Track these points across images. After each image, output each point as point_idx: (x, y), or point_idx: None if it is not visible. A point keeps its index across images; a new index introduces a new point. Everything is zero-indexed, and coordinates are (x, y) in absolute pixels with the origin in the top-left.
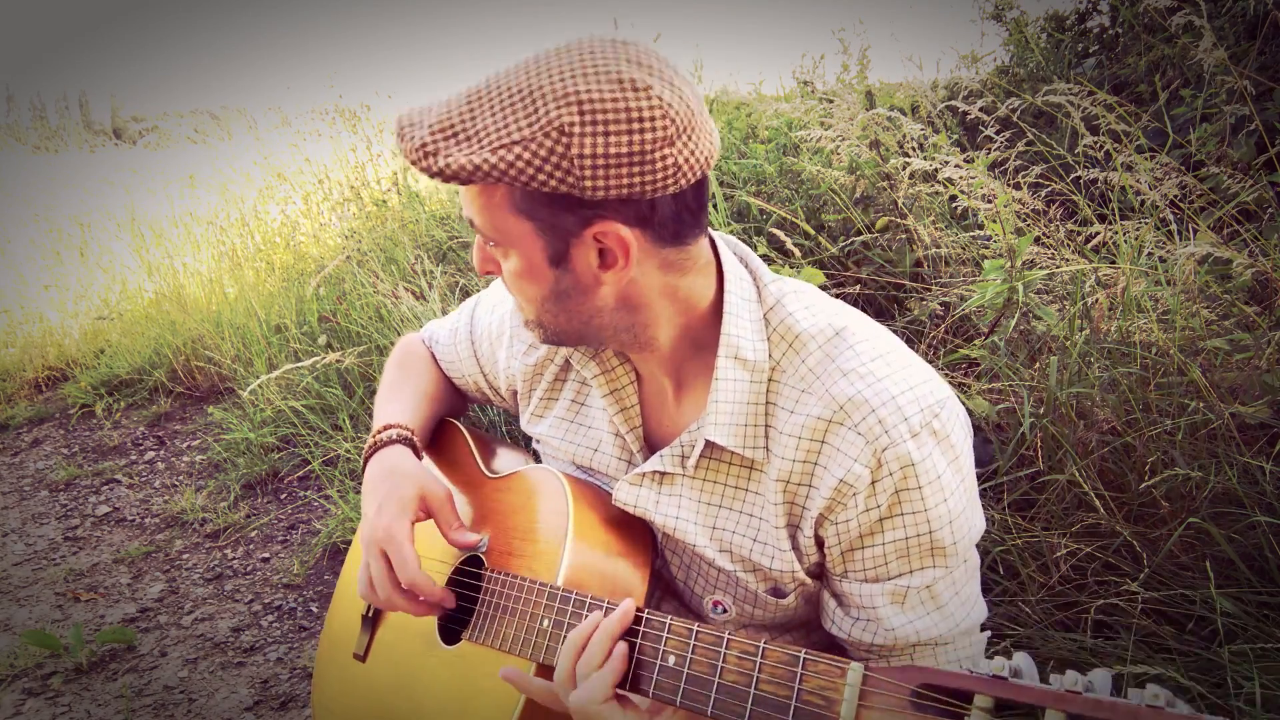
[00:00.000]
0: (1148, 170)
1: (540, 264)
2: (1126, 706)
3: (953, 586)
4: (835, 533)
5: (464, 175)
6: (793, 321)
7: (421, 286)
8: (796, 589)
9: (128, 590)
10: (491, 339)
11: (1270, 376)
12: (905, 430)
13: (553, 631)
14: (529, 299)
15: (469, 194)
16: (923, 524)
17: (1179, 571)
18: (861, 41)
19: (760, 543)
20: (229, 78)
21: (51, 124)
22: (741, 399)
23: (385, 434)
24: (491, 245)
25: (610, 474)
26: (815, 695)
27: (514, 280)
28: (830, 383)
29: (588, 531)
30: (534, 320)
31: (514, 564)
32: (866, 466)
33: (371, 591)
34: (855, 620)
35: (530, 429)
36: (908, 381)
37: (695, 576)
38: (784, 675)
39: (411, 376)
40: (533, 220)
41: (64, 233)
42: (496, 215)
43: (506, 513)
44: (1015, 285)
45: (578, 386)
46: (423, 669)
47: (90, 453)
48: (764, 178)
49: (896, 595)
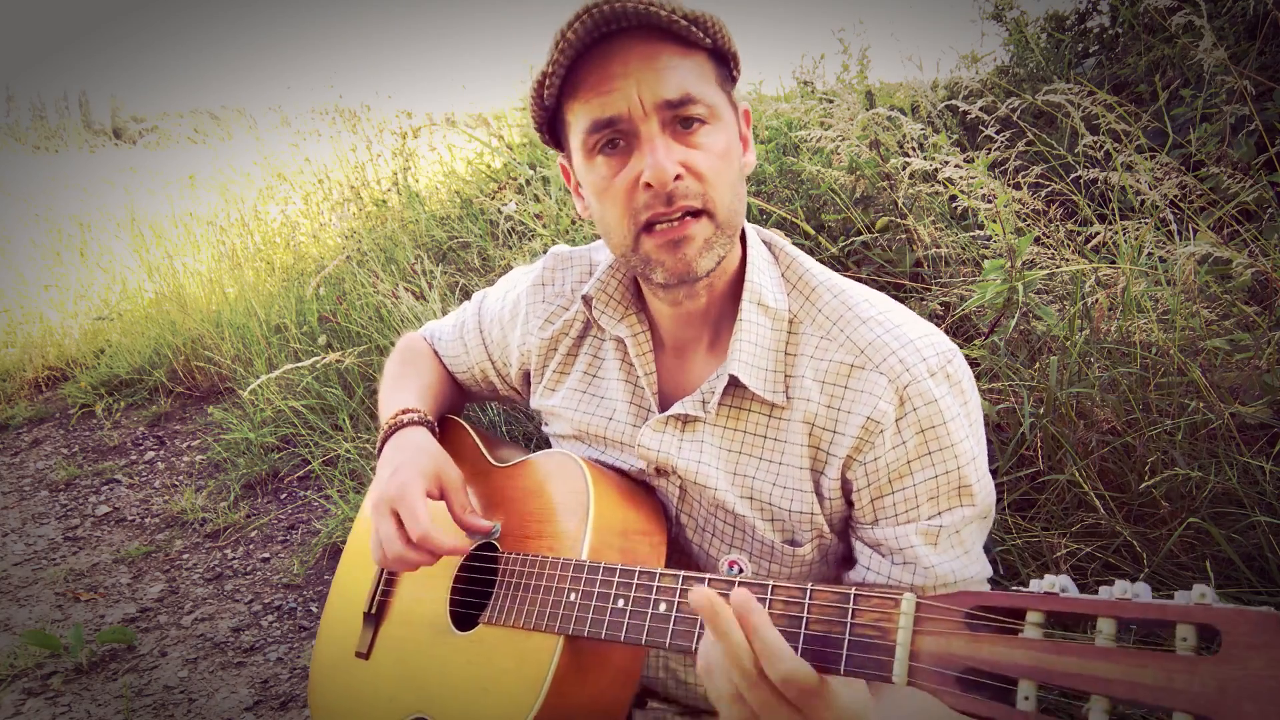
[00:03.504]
0: (1148, 170)
1: (735, 137)
2: (1176, 607)
3: (974, 534)
4: (864, 474)
5: (703, 22)
6: (809, 276)
7: (421, 286)
8: (813, 538)
9: (128, 590)
10: (504, 323)
11: (1270, 376)
12: (924, 369)
13: (580, 603)
14: (727, 183)
15: (680, 69)
16: (950, 460)
17: (1179, 571)
18: (861, 41)
19: (781, 486)
20: (229, 78)
21: (51, 124)
22: (765, 343)
23: (404, 416)
24: (697, 125)
25: (624, 441)
26: (870, 627)
27: (719, 161)
28: (851, 330)
29: (607, 509)
30: (724, 218)
31: (532, 546)
32: (890, 404)
33: (381, 553)
34: (895, 564)
35: (541, 402)
36: (922, 330)
37: (710, 537)
38: (835, 612)
39: (416, 371)
40: (724, 91)
41: (64, 233)
42: (708, 87)
43: (520, 498)
44: (1015, 285)
45: (590, 359)
46: (434, 659)
47: (90, 453)
48: (764, 178)
49: (929, 535)
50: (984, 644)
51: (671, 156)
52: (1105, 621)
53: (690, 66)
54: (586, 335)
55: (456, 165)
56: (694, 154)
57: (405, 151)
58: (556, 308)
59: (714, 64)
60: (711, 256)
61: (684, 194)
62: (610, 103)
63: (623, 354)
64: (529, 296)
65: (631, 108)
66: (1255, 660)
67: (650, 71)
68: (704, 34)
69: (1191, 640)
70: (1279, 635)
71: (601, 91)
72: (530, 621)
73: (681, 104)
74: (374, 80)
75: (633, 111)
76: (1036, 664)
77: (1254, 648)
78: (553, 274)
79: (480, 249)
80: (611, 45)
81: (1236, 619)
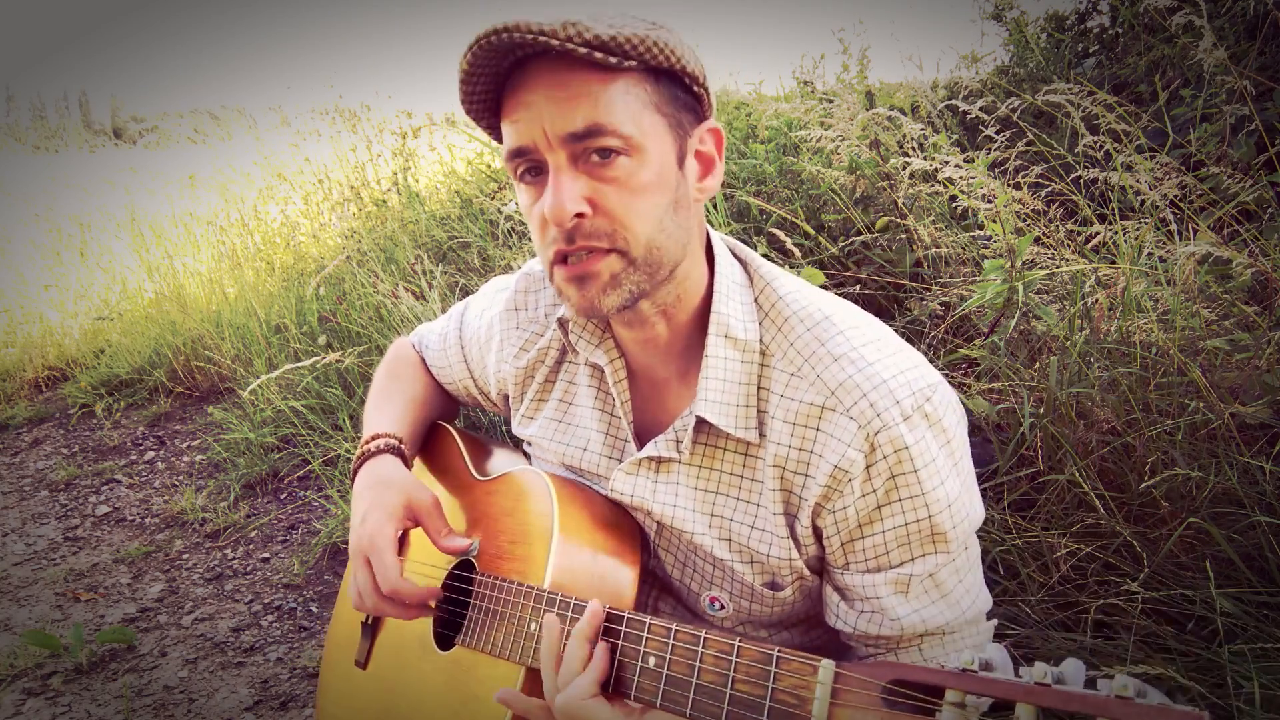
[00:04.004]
0: (1148, 170)
1: (670, 166)
2: (1096, 699)
3: (955, 574)
4: (834, 522)
5: (620, 44)
6: (782, 305)
7: (421, 286)
8: (794, 582)
9: (128, 590)
10: (480, 344)
11: (1270, 376)
12: (897, 413)
13: (540, 634)
14: (648, 217)
15: (591, 97)
16: (921, 509)
17: (1179, 571)
18: (861, 41)
19: (759, 529)
20: (229, 78)
21: (51, 124)
22: (733, 378)
23: (373, 444)
24: (613, 156)
25: (600, 473)
26: (789, 694)
27: (635, 196)
28: (821, 368)
29: (574, 532)
30: (641, 255)
31: (504, 567)
32: (860, 451)
33: (359, 599)
34: (860, 613)
35: (521, 431)
36: (898, 366)
37: (691, 573)
38: (758, 674)
39: (402, 383)
40: (663, 115)
41: (64, 233)
42: (635, 110)
43: (497, 515)
44: (1015, 285)
45: (565, 387)
46: (420, 675)
47: (90, 453)
48: (764, 178)
49: (900, 584)
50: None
51: (572, 193)
52: (1023, 709)
53: (609, 94)
54: (563, 361)
55: (456, 165)
56: (605, 189)
57: (405, 151)
58: (531, 334)
59: (653, 85)
60: (620, 294)
61: (588, 233)
62: (520, 132)
63: (599, 381)
64: (502, 322)
65: (537, 139)
66: None
67: (553, 103)
68: (622, 57)
69: None
70: None
71: (512, 120)
72: (495, 649)
73: (588, 135)
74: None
75: (538, 143)
76: None
77: None
78: (525, 297)
79: (480, 249)
80: (526, 70)
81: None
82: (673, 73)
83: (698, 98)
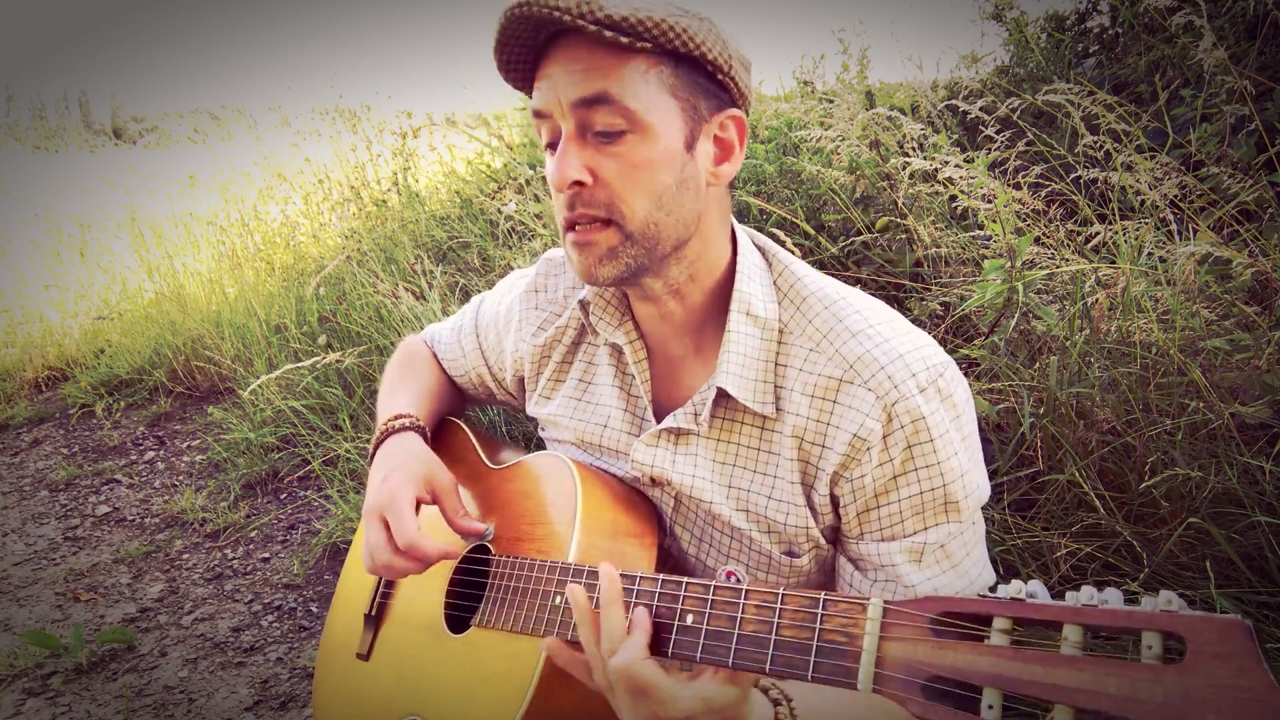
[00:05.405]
0: (1148, 170)
1: (677, 147)
2: (1143, 613)
3: (964, 546)
4: (851, 490)
5: (642, 28)
6: (800, 286)
7: (421, 286)
8: (811, 550)
9: (128, 590)
10: (499, 327)
11: (1270, 376)
12: (913, 385)
13: (566, 607)
14: (647, 193)
15: (603, 71)
16: (936, 477)
17: (1179, 571)
18: (861, 41)
19: (776, 499)
20: (229, 78)
21: (51, 124)
22: (753, 354)
23: (397, 422)
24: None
25: (619, 449)
26: (838, 633)
27: (633, 171)
28: (840, 343)
29: (596, 511)
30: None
31: (523, 549)
32: (878, 421)
33: (370, 560)
34: (875, 581)
35: (537, 410)
36: (913, 343)
37: (707, 548)
38: (804, 618)
39: (414, 375)
40: (677, 99)
41: (64, 233)
42: (645, 89)
43: (513, 500)
44: (1015, 285)
45: (585, 365)
46: (429, 661)
47: (90, 453)
48: (764, 178)
49: (914, 552)
50: (949, 651)
51: (575, 162)
52: (1071, 628)
53: (622, 71)
54: (581, 342)
55: (456, 165)
56: (607, 162)
57: (405, 151)
58: (549, 314)
59: (672, 69)
60: (616, 266)
61: (586, 202)
62: (540, 98)
63: (617, 361)
64: (522, 303)
65: (551, 106)
66: (1220, 670)
67: (568, 74)
68: (635, 38)
69: (1157, 648)
70: (1244, 644)
71: (537, 87)
72: (518, 625)
73: (596, 101)
74: (374, 80)
75: (552, 109)
76: (1001, 672)
77: (1219, 657)
78: (545, 280)
79: (480, 249)
80: (554, 45)
81: (1202, 627)
82: (694, 58)
83: (723, 86)
